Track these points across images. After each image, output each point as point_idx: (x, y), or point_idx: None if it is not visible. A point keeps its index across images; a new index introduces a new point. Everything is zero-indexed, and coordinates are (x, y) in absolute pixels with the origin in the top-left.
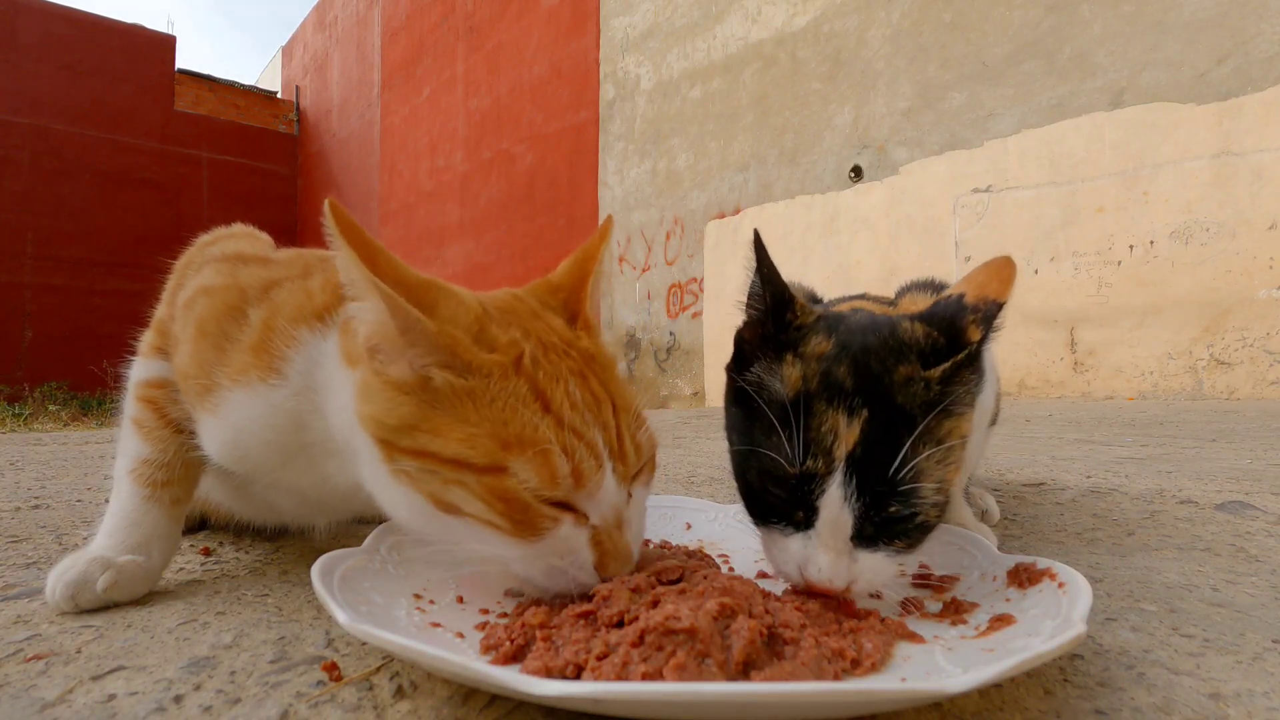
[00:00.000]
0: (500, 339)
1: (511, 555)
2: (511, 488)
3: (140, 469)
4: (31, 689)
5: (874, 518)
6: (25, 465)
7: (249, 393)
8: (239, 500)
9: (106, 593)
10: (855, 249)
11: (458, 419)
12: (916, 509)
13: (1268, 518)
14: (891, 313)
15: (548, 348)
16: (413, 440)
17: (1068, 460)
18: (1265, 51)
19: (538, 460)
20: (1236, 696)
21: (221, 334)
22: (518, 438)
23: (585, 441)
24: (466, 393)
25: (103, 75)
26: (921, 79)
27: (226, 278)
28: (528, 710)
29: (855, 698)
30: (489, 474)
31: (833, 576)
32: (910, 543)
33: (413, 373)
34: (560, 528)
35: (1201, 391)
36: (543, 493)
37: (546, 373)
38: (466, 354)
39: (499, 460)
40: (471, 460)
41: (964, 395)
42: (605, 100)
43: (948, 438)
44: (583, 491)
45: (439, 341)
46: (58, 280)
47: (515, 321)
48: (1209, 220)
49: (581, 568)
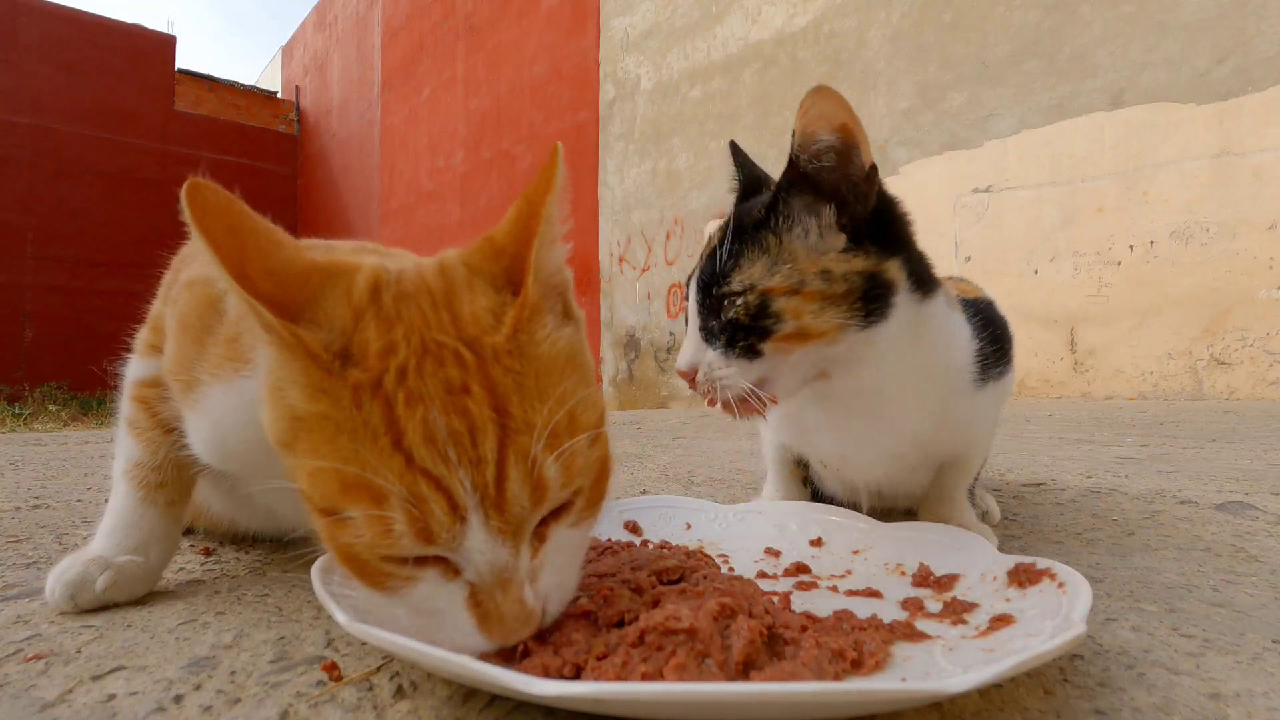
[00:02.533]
0: (372, 346)
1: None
2: (345, 541)
3: (134, 471)
4: (31, 689)
5: (708, 315)
6: (25, 465)
7: (225, 386)
8: (239, 507)
9: (106, 593)
10: None
11: (310, 448)
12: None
13: (1268, 518)
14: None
15: (428, 352)
16: (287, 458)
17: (1068, 460)
18: (1265, 51)
19: (373, 511)
20: (1236, 696)
21: (202, 328)
22: (355, 481)
23: (440, 487)
24: (317, 418)
25: (103, 75)
26: (921, 79)
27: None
28: (528, 710)
29: (855, 698)
30: (327, 518)
31: (679, 361)
32: (731, 340)
33: (274, 382)
34: (415, 586)
35: (1201, 391)
36: (379, 551)
37: (409, 393)
38: (319, 372)
39: (335, 505)
40: (312, 499)
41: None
42: (605, 100)
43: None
44: (434, 548)
45: (294, 354)
46: (58, 280)
47: (406, 315)
48: (1209, 220)
49: (460, 629)
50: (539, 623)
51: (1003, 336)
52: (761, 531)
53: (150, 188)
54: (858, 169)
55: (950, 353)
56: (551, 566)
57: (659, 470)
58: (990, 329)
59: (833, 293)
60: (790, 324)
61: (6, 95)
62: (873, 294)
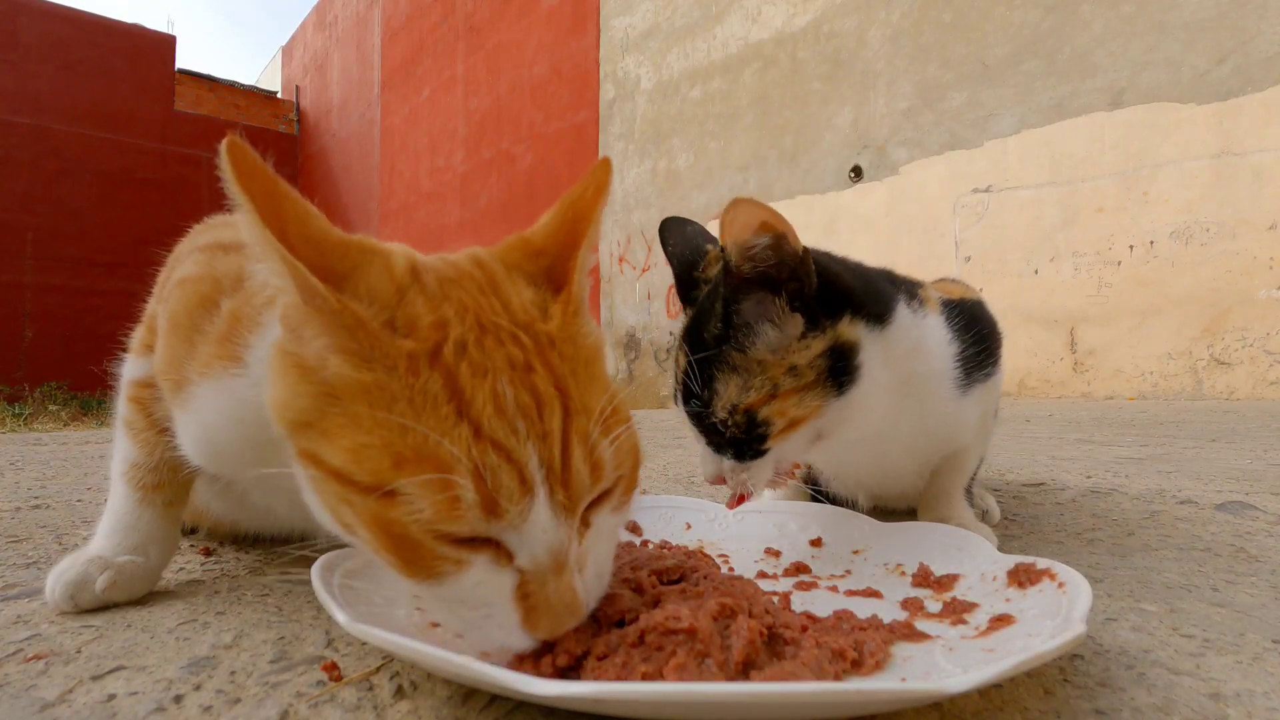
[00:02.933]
0: (423, 319)
1: (422, 594)
2: (396, 519)
3: (131, 472)
4: (31, 689)
5: (709, 434)
6: (25, 465)
7: (215, 385)
8: (238, 508)
9: (106, 593)
10: (855, 249)
11: (350, 421)
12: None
13: (1268, 518)
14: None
15: (486, 330)
16: (307, 440)
17: (1068, 460)
18: (1265, 51)
19: (435, 484)
20: (1236, 697)
21: (193, 327)
22: (415, 451)
23: (510, 458)
24: (362, 389)
25: (103, 75)
26: (921, 79)
27: (203, 268)
28: (528, 710)
29: (855, 698)
30: (373, 497)
31: (706, 476)
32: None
33: (309, 353)
34: (466, 572)
35: (1201, 391)
36: (439, 527)
37: (473, 365)
38: (369, 339)
39: (385, 480)
40: (355, 477)
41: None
42: (605, 100)
43: (740, 367)
44: (500, 524)
45: (340, 321)
46: (58, 280)
47: (454, 295)
48: (1209, 220)
49: (502, 625)
50: (583, 615)
51: (988, 337)
52: (761, 531)
53: (150, 188)
54: (792, 255)
55: (927, 361)
56: (593, 555)
57: (659, 470)
58: (975, 330)
59: (805, 383)
60: (779, 422)
61: (6, 95)
62: (839, 365)
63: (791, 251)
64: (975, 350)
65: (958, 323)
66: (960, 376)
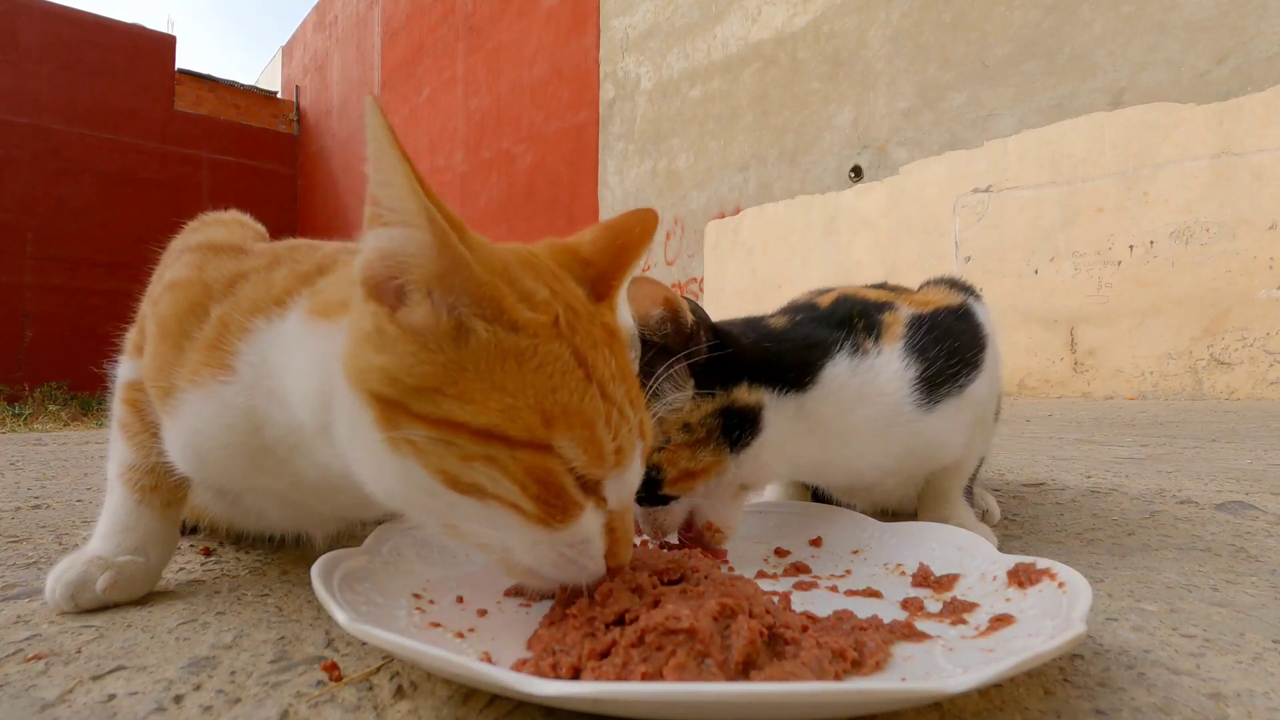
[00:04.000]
0: (538, 294)
1: (522, 542)
2: (553, 468)
3: (128, 474)
4: (31, 689)
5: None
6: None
7: (203, 393)
8: (233, 510)
9: (106, 593)
10: (855, 249)
11: (494, 385)
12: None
13: (1268, 518)
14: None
15: (575, 311)
16: (434, 406)
17: (1068, 460)
18: (1265, 51)
19: (586, 434)
20: (1237, 696)
21: (182, 333)
22: (564, 410)
23: (624, 415)
24: (512, 353)
25: (103, 75)
26: (921, 79)
27: (193, 271)
28: (528, 710)
29: (855, 698)
30: (527, 450)
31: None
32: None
33: (443, 323)
34: (584, 515)
35: (1201, 391)
36: (588, 472)
37: (583, 337)
38: (513, 309)
39: (541, 437)
40: (508, 433)
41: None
42: (605, 100)
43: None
44: (619, 470)
45: (486, 292)
46: (58, 280)
47: (541, 276)
48: (1209, 220)
49: (593, 558)
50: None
51: (963, 347)
52: (761, 531)
53: (150, 188)
54: (685, 326)
55: (877, 401)
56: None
57: None
58: (945, 344)
59: (696, 439)
60: (671, 470)
61: (6, 95)
62: (731, 425)
63: (684, 324)
64: (944, 365)
65: (923, 340)
66: (921, 398)
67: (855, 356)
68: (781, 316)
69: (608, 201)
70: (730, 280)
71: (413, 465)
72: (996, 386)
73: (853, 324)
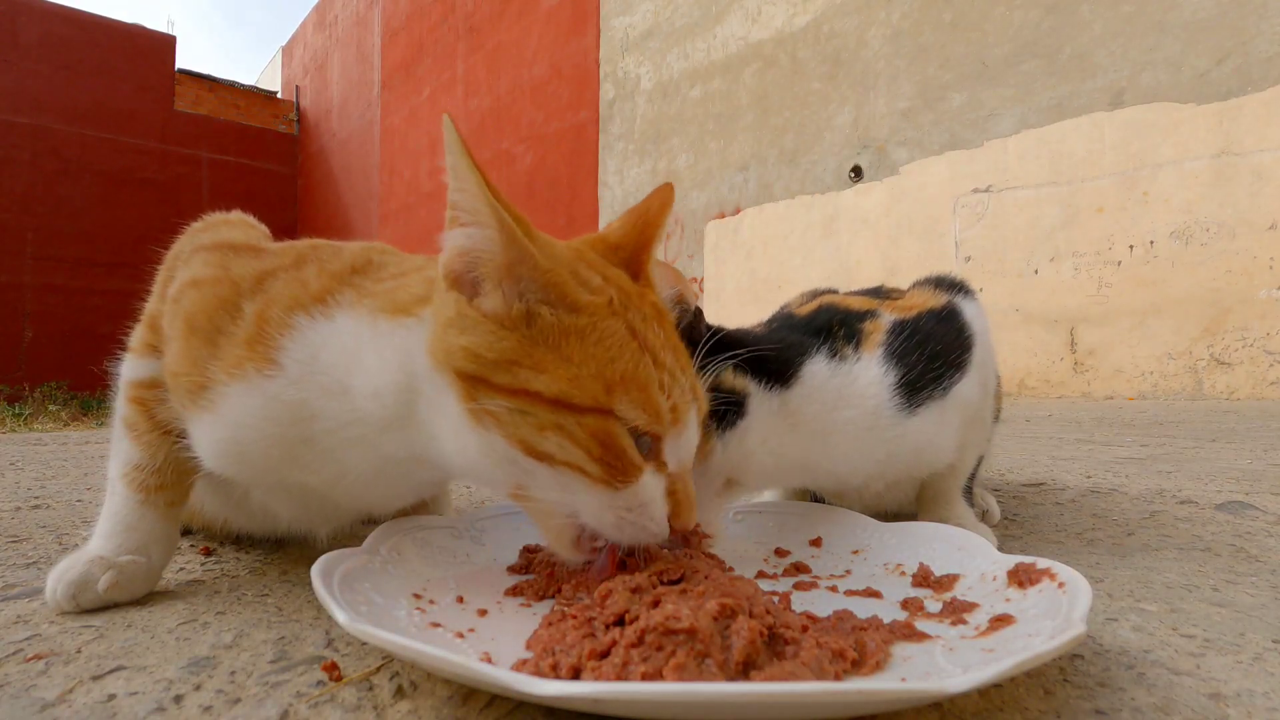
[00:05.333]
0: (593, 280)
1: (589, 505)
2: (614, 431)
3: (132, 474)
4: (31, 689)
5: None
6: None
7: (246, 386)
8: (236, 511)
9: (108, 593)
10: (855, 249)
11: (561, 357)
12: None
13: (1268, 518)
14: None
15: (625, 294)
16: (512, 377)
17: (1068, 460)
18: (1265, 51)
19: (643, 396)
20: (1236, 697)
21: (214, 329)
22: (622, 377)
23: (676, 379)
24: (574, 331)
25: (103, 75)
26: (921, 79)
27: (217, 269)
28: (528, 710)
29: (855, 698)
30: (591, 415)
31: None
32: None
33: (514, 307)
34: (643, 477)
35: (1201, 391)
36: (649, 429)
37: (637, 313)
38: (573, 293)
39: (603, 402)
40: (575, 400)
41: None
42: (605, 100)
43: None
44: (675, 429)
45: (549, 279)
46: (58, 280)
47: (593, 267)
48: (1209, 220)
49: (654, 519)
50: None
51: (947, 349)
52: (761, 531)
53: (150, 188)
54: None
55: (856, 406)
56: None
57: None
58: (927, 347)
59: None
60: None
61: (6, 95)
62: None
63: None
64: (925, 369)
65: (904, 345)
66: (902, 403)
67: (834, 361)
68: (762, 326)
69: (607, 201)
70: (730, 280)
71: (495, 436)
72: (990, 385)
73: (832, 331)
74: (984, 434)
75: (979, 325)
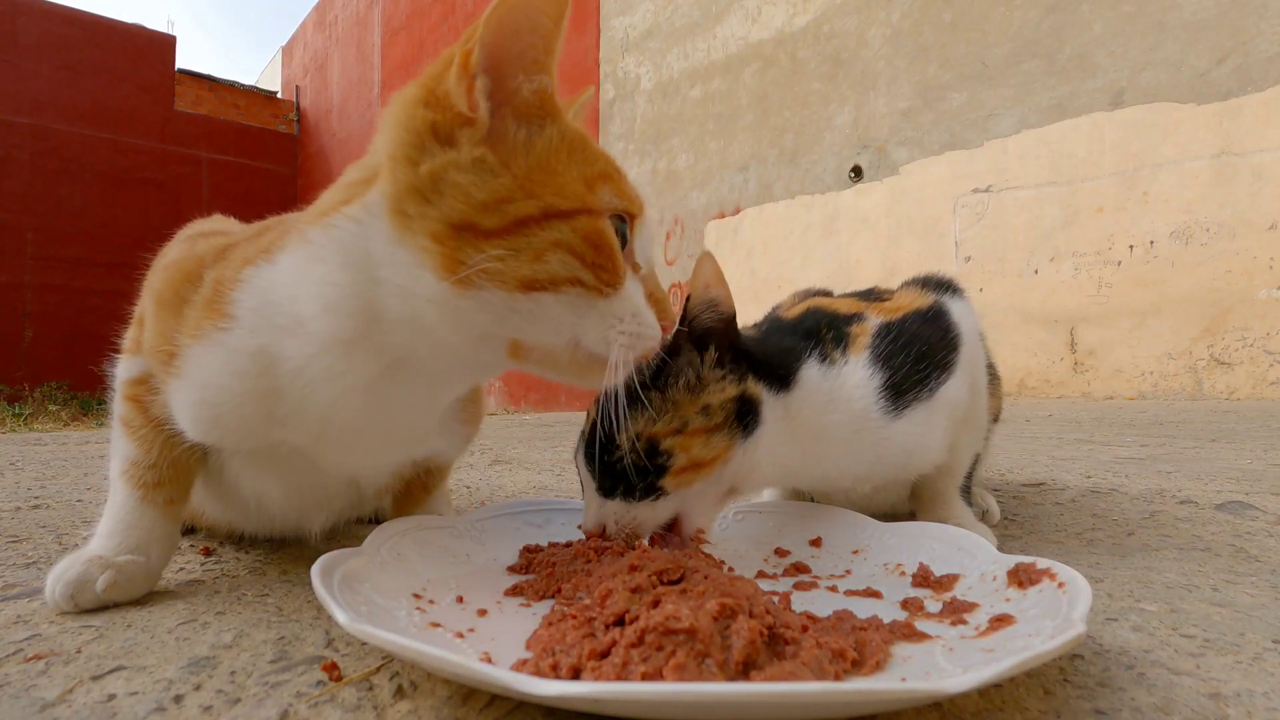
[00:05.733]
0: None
1: (589, 323)
2: (601, 228)
3: (132, 470)
4: (31, 689)
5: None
6: (25, 465)
7: (207, 344)
8: (232, 505)
9: (106, 593)
10: (855, 249)
11: (549, 172)
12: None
13: (1268, 518)
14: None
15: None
16: (500, 215)
17: (1068, 460)
18: (1265, 51)
19: (615, 185)
20: (1236, 697)
21: (180, 300)
22: (599, 173)
23: (623, 172)
24: (557, 146)
25: (103, 75)
26: (921, 79)
27: (185, 249)
28: (528, 710)
29: (855, 698)
30: (580, 216)
31: (584, 521)
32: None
33: (525, 134)
34: (627, 281)
35: (1201, 391)
36: (623, 208)
37: (582, 129)
38: (550, 105)
39: (588, 201)
40: (563, 207)
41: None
42: (605, 100)
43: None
44: (643, 216)
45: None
46: (58, 280)
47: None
48: (1209, 220)
49: (648, 323)
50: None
51: (933, 350)
52: (761, 531)
53: (150, 188)
54: (726, 311)
55: (844, 408)
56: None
57: None
58: (913, 349)
59: (714, 424)
60: (682, 457)
61: (6, 95)
62: (744, 411)
63: (727, 308)
64: (910, 371)
65: (890, 347)
66: (888, 405)
67: (824, 364)
68: (752, 329)
69: None
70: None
71: (488, 293)
72: (980, 384)
73: (821, 334)
74: (979, 433)
75: (967, 325)
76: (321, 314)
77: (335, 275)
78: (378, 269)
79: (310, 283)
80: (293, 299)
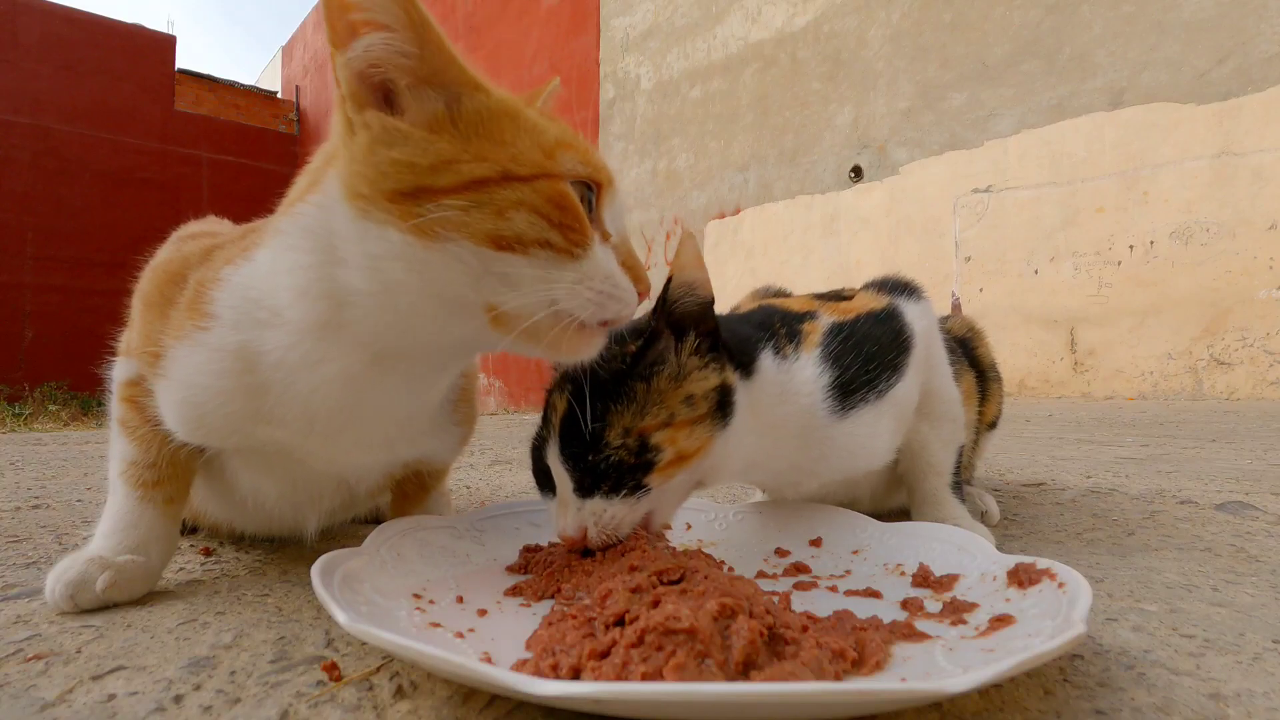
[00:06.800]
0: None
1: (564, 286)
2: (563, 190)
3: (130, 470)
4: (31, 689)
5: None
6: (25, 465)
7: (190, 344)
8: (230, 505)
9: (106, 593)
10: (855, 249)
11: (495, 141)
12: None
13: (1268, 518)
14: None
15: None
16: (455, 174)
17: (1068, 460)
18: (1265, 51)
19: (578, 152)
20: (1236, 697)
21: (165, 301)
22: (554, 140)
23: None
24: (501, 113)
25: (103, 75)
26: (921, 79)
27: (172, 252)
28: (528, 710)
29: (855, 698)
30: (541, 180)
31: (564, 528)
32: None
33: (437, 108)
34: (595, 245)
35: (1201, 392)
36: (587, 175)
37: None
38: (485, 81)
39: (546, 166)
40: (521, 171)
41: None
42: (605, 100)
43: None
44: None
45: (463, 70)
46: (58, 280)
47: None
48: (1209, 220)
49: (622, 286)
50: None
51: (883, 351)
52: (761, 531)
53: (150, 188)
54: (706, 296)
55: (794, 401)
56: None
57: None
58: (862, 350)
59: (698, 415)
60: (669, 451)
61: (6, 95)
62: (723, 401)
63: (706, 293)
64: (858, 371)
65: (840, 347)
66: (835, 404)
67: (778, 357)
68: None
69: None
70: (730, 280)
71: (457, 245)
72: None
73: (774, 328)
74: (955, 428)
75: (920, 326)
76: (295, 301)
77: (304, 260)
78: (344, 247)
79: (283, 272)
80: (270, 291)
